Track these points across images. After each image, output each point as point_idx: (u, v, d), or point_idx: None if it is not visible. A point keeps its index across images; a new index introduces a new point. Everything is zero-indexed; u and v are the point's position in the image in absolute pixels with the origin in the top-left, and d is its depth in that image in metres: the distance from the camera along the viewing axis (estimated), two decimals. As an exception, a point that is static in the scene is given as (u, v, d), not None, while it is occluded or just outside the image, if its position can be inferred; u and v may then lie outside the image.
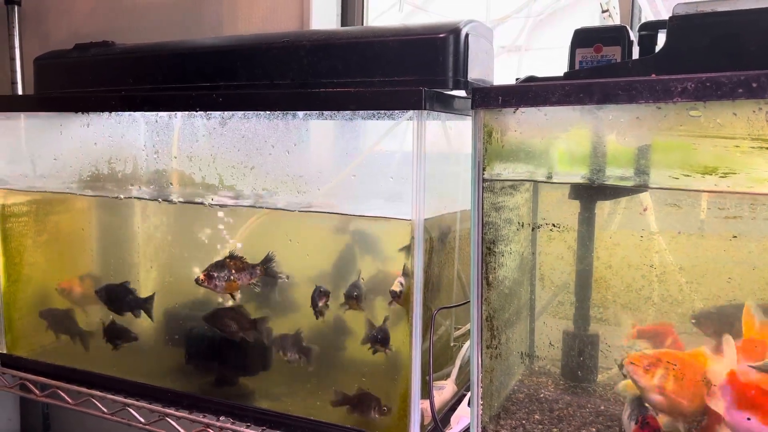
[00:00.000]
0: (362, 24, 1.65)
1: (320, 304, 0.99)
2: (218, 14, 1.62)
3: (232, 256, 1.05)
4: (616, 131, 0.77)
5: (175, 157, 1.09)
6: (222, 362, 1.11)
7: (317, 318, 1.00)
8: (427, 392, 0.93)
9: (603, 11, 1.20)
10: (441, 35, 0.90)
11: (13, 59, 1.85)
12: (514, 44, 1.61)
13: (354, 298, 0.98)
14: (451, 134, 1.02)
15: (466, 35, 0.92)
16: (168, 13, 1.69)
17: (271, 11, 1.57)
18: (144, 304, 1.16)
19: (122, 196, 1.16)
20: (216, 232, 1.09)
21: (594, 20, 1.31)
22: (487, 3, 1.62)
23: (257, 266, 1.05)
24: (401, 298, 0.93)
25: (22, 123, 1.28)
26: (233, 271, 1.04)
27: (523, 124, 0.80)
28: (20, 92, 1.85)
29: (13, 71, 1.86)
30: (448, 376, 1.07)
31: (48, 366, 1.22)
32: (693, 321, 0.82)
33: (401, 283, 0.92)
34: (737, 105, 0.65)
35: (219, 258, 1.06)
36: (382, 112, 0.88)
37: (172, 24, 1.68)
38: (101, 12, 1.81)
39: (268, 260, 1.05)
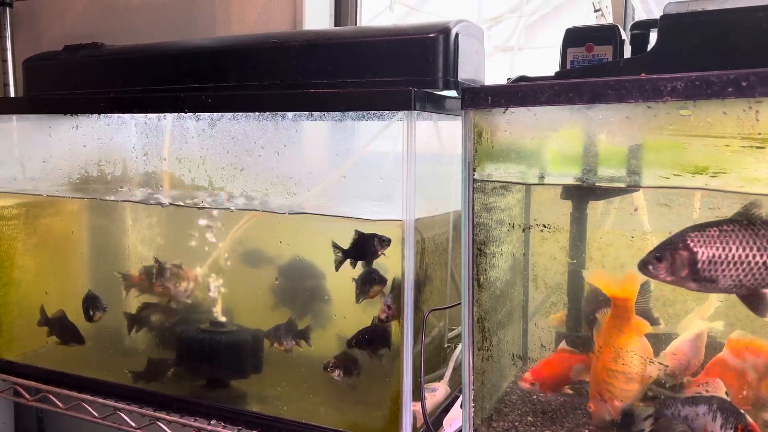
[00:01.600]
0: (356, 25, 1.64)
1: (380, 252, 0.94)
2: (212, 16, 1.62)
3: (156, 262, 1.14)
4: (606, 131, 0.76)
5: (165, 159, 1.08)
6: (213, 365, 1.10)
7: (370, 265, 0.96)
8: (419, 394, 0.92)
9: (596, 11, 1.20)
10: (431, 35, 0.90)
11: (5, 61, 1.84)
12: (508, 44, 1.61)
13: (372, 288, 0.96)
14: (443, 135, 1.01)
15: (456, 35, 0.91)
16: (161, 14, 1.68)
17: (264, 13, 1.57)
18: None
19: (111, 199, 1.15)
20: (205, 234, 1.08)
21: (590, 21, 1.30)
22: (479, 3, 1.61)
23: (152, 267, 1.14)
24: (392, 317, 0.93)
25: (15, 125, 1.27)
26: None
27: (513, 125, 0.79)
28: (12, 95, 1.84)
29: (5, 73, 1.84)
30: (441, 377, 1.07)
31: (39, 370, 1.21)
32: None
33: (388, 306, 0.92)
34: (727, 104, 0.65)
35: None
36: (372, 112, 0.88)
37: (165, 26, 1.68)
38: (94, 14, 1.80)
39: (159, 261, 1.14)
